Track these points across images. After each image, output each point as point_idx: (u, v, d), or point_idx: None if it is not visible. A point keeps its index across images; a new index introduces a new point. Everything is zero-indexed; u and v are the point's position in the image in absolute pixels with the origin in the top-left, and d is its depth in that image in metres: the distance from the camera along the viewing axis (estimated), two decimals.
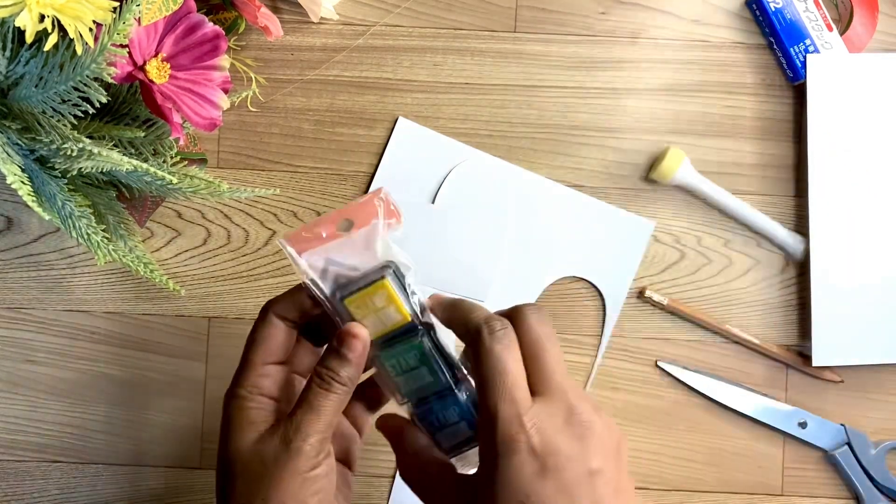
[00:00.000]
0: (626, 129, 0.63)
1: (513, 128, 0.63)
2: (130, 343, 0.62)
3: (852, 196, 0.62)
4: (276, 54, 0.62)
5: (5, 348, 0.62)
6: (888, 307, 0.62)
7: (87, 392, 0.62)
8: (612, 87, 0.63)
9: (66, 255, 0.62)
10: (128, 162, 0.46)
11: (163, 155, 0.55)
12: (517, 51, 0.63)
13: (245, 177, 0.62)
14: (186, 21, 0.49)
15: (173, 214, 0.62)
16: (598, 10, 0.63)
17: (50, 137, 0.47)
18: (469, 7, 0.63)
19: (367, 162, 0.63)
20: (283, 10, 0.62)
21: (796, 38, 0.62)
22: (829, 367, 0.63)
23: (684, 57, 0.63)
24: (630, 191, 0.63)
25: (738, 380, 0.63)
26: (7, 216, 0.62)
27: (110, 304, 0.62)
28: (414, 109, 0.63)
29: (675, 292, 0.63)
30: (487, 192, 0.63)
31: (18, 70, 0.46)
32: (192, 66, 0.50)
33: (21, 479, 0.62)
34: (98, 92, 0.45)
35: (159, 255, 0.62)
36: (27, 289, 0.62)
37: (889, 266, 0.62)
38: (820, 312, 0.62)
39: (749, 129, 0.64)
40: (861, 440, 0.62)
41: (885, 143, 0.62)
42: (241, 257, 0.62)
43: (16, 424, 0.62)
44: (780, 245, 0.63)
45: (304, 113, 0.63)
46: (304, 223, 0.43)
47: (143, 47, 0.48)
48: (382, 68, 0.63)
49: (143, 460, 0.62)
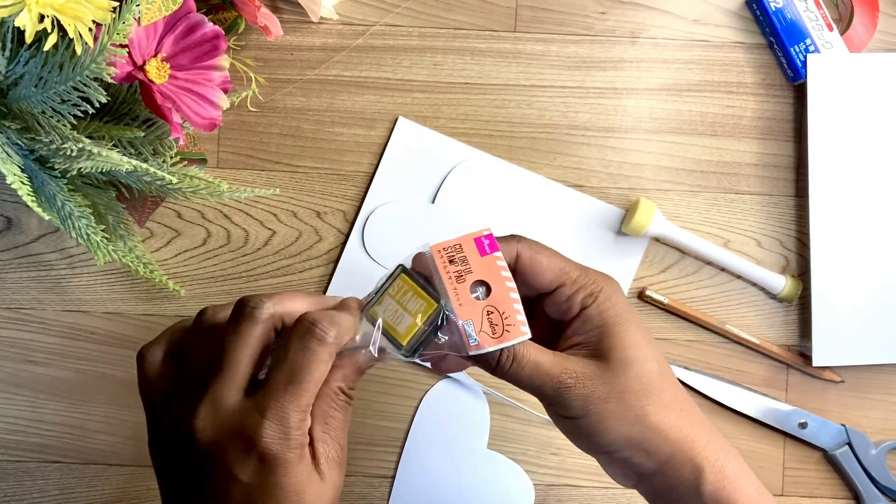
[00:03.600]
0: (627, 129, 0.63)
1: (513, 128, 0.63)
2: (130, 343, 0.62)
3: (852, 196, 0.62)
4: (276, 54, 0.62)
5: (5, 348, 0.62)
6: (888, 308, 0.62)
7: (87, 392, 0.62)
8: (612, 87, 0.63)
9: (66, 255, 0.62)
10: (127, 162, 0.46)
11: (162, 155, 0.55)
12: (517, 51, 0.63)
13: (245, 177, 0.62)
14: (186, 21, 0.49)
15: (173, 214, 0.62)
16: (598, 10, 0.63)
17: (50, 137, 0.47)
18: (469, 7, 0.63)
19: (367, 162, 0.63)
20: (282, 10, 0.62)
21: (797, 37, 0.62)
22: (829, 367, 0.63)
23: (684, 57, 0.63)
24: (630, 190, 0.63)
25: (738, 380, 0.63)
26: (7, 216, 0.62)
27: (110, 304, 0.62)
28: (414, 109, 0.63)
29: (675, 292, 0.63)
30: (487, 192, 0.63)
31: (18, 70, 0.46)
32: (191, 66, 0.50)
33: (21, 479, 0.62)
34: (98, 92, 0.45)
35: (159, 255, 0.62)
36: (27, 289, 0.62)
37: (889, 266, 0.62)
38: (820, 312, 0.62)
39: (749, 129, 0.64)
40: (861, 440, 0.62)
41: (885, 143, 0.62)
42: (241, 257, 0.62)
43: (16, 424, 0.62)
44: (762, 285, 0.63)
45: (304, 113, 0.63)
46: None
47: (142, 47, 0.48)
48: (382, 68, 0.63)
49: (143, 460, 0.62)
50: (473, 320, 0.41)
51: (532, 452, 0.63)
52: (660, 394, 0.42)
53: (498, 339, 0.41)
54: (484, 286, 0.42)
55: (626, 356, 0.42)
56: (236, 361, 0.39)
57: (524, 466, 0.62)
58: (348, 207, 0.62)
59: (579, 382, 0.41)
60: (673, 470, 0.42)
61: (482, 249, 0.42)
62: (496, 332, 0.41)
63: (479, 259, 0.42)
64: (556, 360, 0.42)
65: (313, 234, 0.62)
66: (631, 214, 0.61)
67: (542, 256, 0.43)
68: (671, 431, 0.41)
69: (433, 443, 0.62)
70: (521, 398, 0.62)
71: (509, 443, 0.63)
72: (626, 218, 0.62)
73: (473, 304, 0.41)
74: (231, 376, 0.39)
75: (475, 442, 0.62)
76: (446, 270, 0.42)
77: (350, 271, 0.62)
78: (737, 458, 0.43)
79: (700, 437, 0.42)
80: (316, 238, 0.62)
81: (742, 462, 0.43)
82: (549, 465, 0.63)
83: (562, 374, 0.41)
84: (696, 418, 0.43)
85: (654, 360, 0.42)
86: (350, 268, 0.62)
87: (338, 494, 0.41)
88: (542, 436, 0.63)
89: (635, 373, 0.41)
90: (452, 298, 0.41)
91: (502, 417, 0.62)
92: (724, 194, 0.63)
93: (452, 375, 0.62)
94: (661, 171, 0.63)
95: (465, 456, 0.62)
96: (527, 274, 0.43)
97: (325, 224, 0.62)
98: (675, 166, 0.63)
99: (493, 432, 0.62)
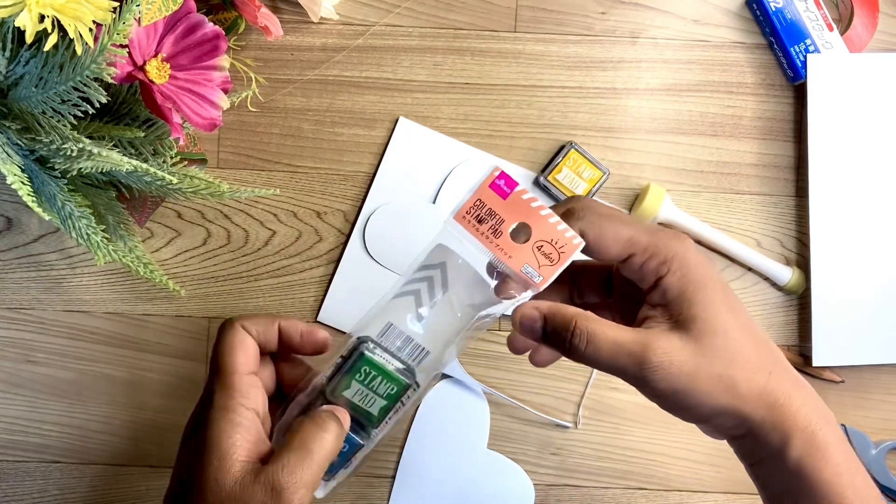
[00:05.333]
0: (627, 129, 0.63)
1: (513, 128, 0.63)
2: (130, 343, 0.62)
3: (852, 196, 0.62)
4: (276, 54, 0.62)
5: (5, 348, 0.62)
6: (888, 307, 0.62)
7: (87, 392, 0.62)
8: (612, 87, 0.63)
9: (66, 256, 0.62)
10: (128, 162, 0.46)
11: (163, 155, 0.55)
12: (517, 51, 0.63)
13: (245, 177, 0.62)
14: (186, 21, 0.49)
15: (173, 214, 0.62)
16: (598, 10, 0.63)
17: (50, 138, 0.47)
18: (469, 7, 0.63)
19: (367, 162, 0.63)
20: (283, 10, 0.62)
21: (797, 37, 0.62)
22: (829, 367, 0.63)
23: (684, 57, 0.63)
24: (630, 190, 0.63)
25: None
26: (7, 216, 0.62)
27: (110, 304, 0.62)
28: (414, 109, 0.63)
29: None
30: None
31: (18, 70, 0.46)
32: (191, 66, 0.50)
33: (21, 479, 0.62)
34: (98, 92, 0.45)
35: (159, 256, 0.62)
36: (27, 289, 0.62)
37: (889, 266, 0.62)
38: (820, 312, 0.62)
39: (749, 129, 0.64)
40: (861, 440, 0.62)
41: (885, 143, 0.62)
42: (241, 257, 0.62)
43: (16, 424, 0.62)
44: (767, 275, 0.63)
45: (304, 113, 0.63)
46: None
47: (142, 47, 0.48)
48: (382, 68, 0.63)
49: (143, 460, 0.62)
50: (528, 262, 0.41)
51: (532, 452, 0.63)
52: (747, 359, 0.40)
53: (556, 264, 0.41)
54: (523, 226, 0.41)
55: (709, 325, 0.40)
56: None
57: (524, 466, 0.62)
58: (348, 207, 0.62)
59: (664, 360, 0.39)
60: (763, 435, 0.40)
61: (502, 192, 0.41)
62: (553, 260, 0.41)
63: (503, 204, 0.41)
64: (637, 337, 0.40)
65: (313, 234, 0.62)
66: (640, 199, 0.61)
67: (606, 230, 0.42)
68: (762, 397, 0.40)
69: (433, 443, 0.62)
70: (522, 398, 0.62)
71: (509, 443, 0.63)
72: (636, 203, 0.62)
73: (521, 249, 0.41)
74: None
75: (475, 442, 0.62)
76: (480, 232, 0.41)
77: (351, 271, 0.62)
78: (830, 424, 0.41)
79: (792, 400, 0.40)
80: (316, 238, 0.62)
81: (835, 427, 0.41)
82: (549, 465, 0.63)
83: (645, 351, 0.39)
84: (787, 379, 0.41)
85: (738, 324, 0.41)
86: (351, 268, 0.62)
87: None
88: (542, 436, 0.63)
89: (720, 342, 0.40)
90: (499, 255, 0.41)
91: (502, 417, 0.62)
92: (724, 194, 0.63)
93: (453, 375, 0.62)
94: (661, 171, 0.63)
95: (465, 456, 0.62)
96: (592, 250, 0.42)
97: (325, 224, 0.62)
98: (675, 166, 0.63)
99: (493, 432, 0.62)
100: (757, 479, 0.43)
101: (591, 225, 0.41)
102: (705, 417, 0.41)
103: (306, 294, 0.62)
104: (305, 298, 0.62)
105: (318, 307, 0.62)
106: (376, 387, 0.43)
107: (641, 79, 0.63)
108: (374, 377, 0.43)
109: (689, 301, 0.40)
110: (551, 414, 0.62)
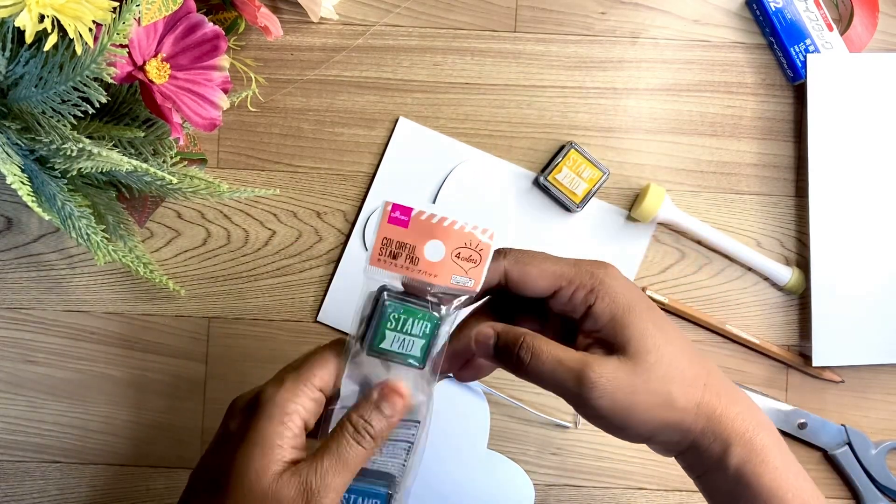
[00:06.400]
0: (627, 129, 0.63)
1: (513, 128, 0.63)
2: (130, 343, 0.62)
3: (852, 196, 0.62)
4: (276, 54, 0.62)
5: (5, 348, 0.62)
6: (888, 307, 0.62)
7: (87, 392, 0.62)
8: (612, 87, 0.63)
9: (66, 256, 0.62)
10: (128, 162, 0.46)
11: (163, 155, 0.55)
12: (517, 51, 0.63)
13: (245, 177, 0.62)
14: (186, 21, 0.49)
15: (173, 214, 0.62)
16: (598, 10, 0.63)
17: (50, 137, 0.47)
18: (469, 7, 0.63)
19: (367, 162, 0.63)
20: (282, 10, 0.62)
21: (796, 37, 0.62)
22: (829, 367, 0.63)
23: (684, 57, 0.63)
24: (630, 190, 0.63)
25: (738, 380, 0.63)
26: (7, 216, 0.62)
27: (110, 304, 0.62)
28: (414, 109, 0.63)
29: (675, 292, 0.63)
30: (487, 192, 0.63)
31: (18, 70, 0.46)
32: (191, 66, 0.50)
33: (21, 479, 0.62)
34: (98, 92, 0.45)
35: (159, 256, 0.62)
36: (27, 289, 0.62)
37: (889, 266, 0.62)
38: (820, 312, 0.62)
39: (749, 129, 0.64)
40: (861, 440, 0.62)
41: (885, 143, 0.62)
42: (241, 258, 0.62)
43: (16, 424, 0.62)
44: (767, 275, 0.63)
45: (304, 113, 0.63)
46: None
47: (142, 47, 0.48)
48: (382, 68, 0.63)
49: (143, 460, 0.62)
50: (454, 273, 0.41)
51: (532, 452, 0.63)
52: (682, 374, 0.42)
53: (480, 263, 0.42)
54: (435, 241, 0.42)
55: (642, 346, 0.41)
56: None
57: (524, 466, 0.62)
58: (348, 207, 0.62)
59: (602, 378, 0.41)
60: (704, 446, 0.42)
61: (401, 222, 0.41)
62: (476, 261, 0.42)
63: (407, 232, 0.41)
64: (578, 356, 0.42)
65: (313, 234, 0.62)
66: (640, 199, 0.61)
67: (530, 267, 0.43)
68: (700, 408, 0.42)
69: (433, 443, 0.62)
70: (522, 398, 0.62)
71: (509, 443, 0.63)
72: (636, 203, 0.62)
73: (443, 265, 0.41)
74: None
75: (475, 442, 0.62)
76: (399, 266, 0.42)
77: (350, 271, 0.62)
78: (768, 429, 0.42)
79: (729, 408, 0.42)
80: (316, 238, 0.62)
81: (773, 433, 0.42)
82: (549, 465, 0.63)
83: (584, 368, 0.41)
84: (723, 390, 0.43)
85: (669, 341, 0.42)
86: (350, 268, 0.62)
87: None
88: (542, 436, 0.63)
89: (654, 360, 0.41)
90: (426, 279, 0.41)
91: (502, 417, 0.62)
92: (724, 194, 0.63)
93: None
94: (661, 172, 0.63)
95: (465, 456, 0.62)
96: (520, 287, 0.43)
97: (325, 224, 0.62)
98: (675, 166, 0.63)
99: (493, 432, 0.62)
100: (704, 490, 0.44)
101: (516, 262, 0.43)
102: (648, 434, 0.42)
103: (306, 294, 0.62)
104: (305, 298, 0.62)
105: (318, 307, 0.62)
106: (410, 328, 0.43)
107: (641, 79, 0.63)
108: (404, 321, 0.43)
109: (620, 325, 0.42)
110: (551, 414, 0.62)
